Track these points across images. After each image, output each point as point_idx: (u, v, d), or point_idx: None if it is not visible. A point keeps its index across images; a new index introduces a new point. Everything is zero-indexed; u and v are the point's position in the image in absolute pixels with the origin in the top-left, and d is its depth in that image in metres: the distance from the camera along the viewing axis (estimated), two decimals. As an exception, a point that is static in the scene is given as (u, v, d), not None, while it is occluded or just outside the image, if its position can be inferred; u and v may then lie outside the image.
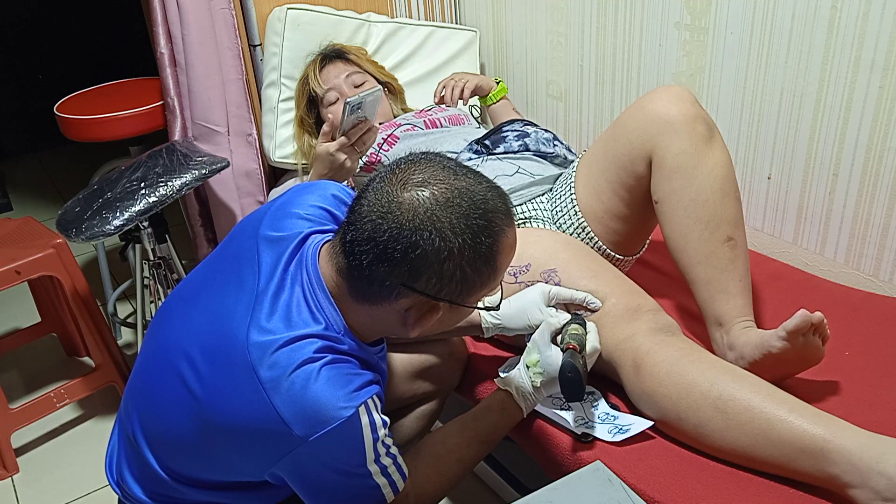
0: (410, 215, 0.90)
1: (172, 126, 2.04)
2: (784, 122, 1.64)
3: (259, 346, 0.93)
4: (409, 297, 0.95)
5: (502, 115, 1.99)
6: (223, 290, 1.02)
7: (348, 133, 1.48)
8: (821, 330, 1.18)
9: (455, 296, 0.96)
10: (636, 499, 0.92)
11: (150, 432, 1.07)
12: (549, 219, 1.50)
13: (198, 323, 1.02)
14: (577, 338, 1.12)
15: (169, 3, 1.92)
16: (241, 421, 0.94)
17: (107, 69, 2.93)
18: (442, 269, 0.92)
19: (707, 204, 1.27)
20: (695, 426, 1.11)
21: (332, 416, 0.91)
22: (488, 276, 0.96)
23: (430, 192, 0.92)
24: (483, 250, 0.93)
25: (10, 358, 2.29)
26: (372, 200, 0.93)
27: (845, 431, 1.01)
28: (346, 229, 0.96)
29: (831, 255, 1.65)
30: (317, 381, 0.92)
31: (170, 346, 1.04)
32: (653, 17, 1.83)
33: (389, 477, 0.98)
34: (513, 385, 1.16)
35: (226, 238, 1.14)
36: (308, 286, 0.99)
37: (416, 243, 0.90)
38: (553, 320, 1.16)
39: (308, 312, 0.97)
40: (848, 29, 1.47)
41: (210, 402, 0.96)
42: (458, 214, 0.91)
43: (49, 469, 1.88)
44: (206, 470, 1.04)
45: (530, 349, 1.15)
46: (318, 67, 1.92)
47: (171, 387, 1.01)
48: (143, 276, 2.01)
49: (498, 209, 0.95)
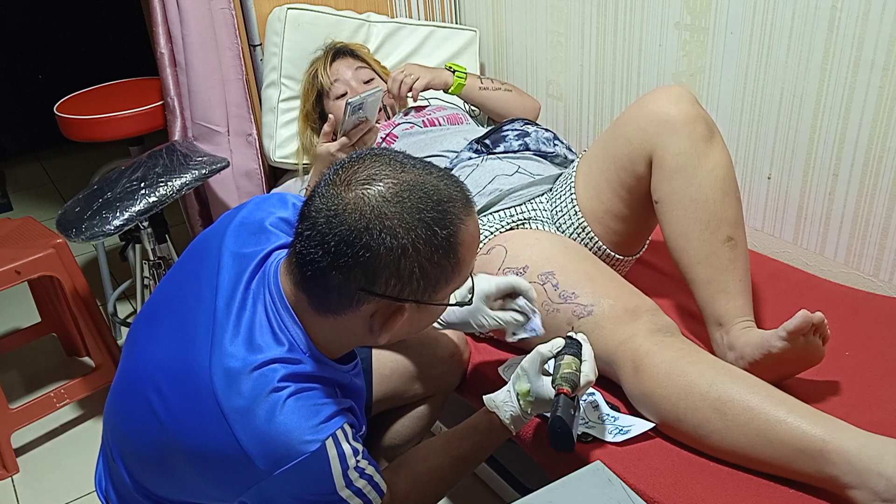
0: (357, 216, 0.85)
1: (172, 126, 2.04)
2: (784, 122, 1.64)
3: (222, 374, 0.90)
4: (371, 303, 0.90)
5: (474, 98, 1.93)
6: (184, 312, 0.99)
7: (349, 133, 1.48)
8: (821, 330, 1.18)
9: (419, 294, 0.90)
10: (636, 499, 0.92)
11: (124, 451, 1.05)
12: (548, 219, 1.50)
13: (162, 348, 0.99)
14: (570, 377, 1.06)
15: (169, 4, 1.92)
16: (206, 451, 0.91)
17: (107, 69, 2.93)
18: (399, 268, 0.87)
19: (707, 204, 1.27)
20: (694, 427, 1.11)
21: (297, 451, 0.88)
22: (451, 270, 0.91)
23: (376, 189, 0.86)
24: (440, 243, 0.88)
25: (10, 358, 2.29)
26: (318, 205, 0.88)
27: (844, 432, 1.01)
28: (296, 240, 0.91)
29: (831, 255, 1.65)
30: (282, 412, 0.88)
31: (138, 371, 1.02)
32: (653, 17, 1.83)
33: (365, 497, 0.95)
34: (501, 408, 1.12)
35: (185, 252, 1.09)
36: (271, 304, 0.95)
37: (367, 244, 0.85)
38: (544, 349, 1.11)
39: (270, 333, 0.93)
40: (848, 29, 1.47)
41: (176, 430, 0.94)
42: (407, 209, 0.86)
43: (49, 469, 1.88)
44: (177, 492, 1.02)
45: (520, 377, 1.12)
46: (327, 62, 1.93)
47: (140, 411, 0.98)
48: (143, 276, 2.01)
49: (453, 198, 0.90)
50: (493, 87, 1.94)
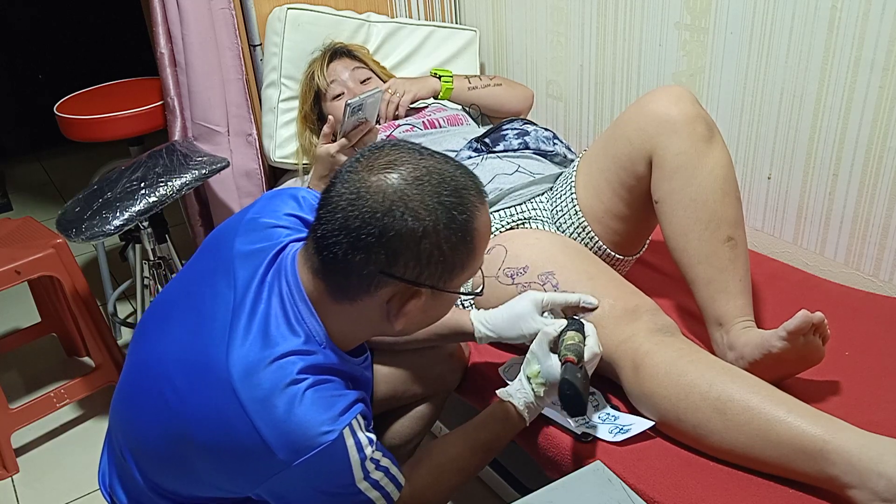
0: (380, 197, 0.89)
1: (172, 126, 2.04)
2: (784, 122, 1.64)
3: (239, 367, 0.91)
4: (388, 286, 0.93)
5: (465, 99, 1.95)
6: (199, 308, 1.00)
7: (349, 134, 1.48)
8: (821, 330, 1.18)
9: (436, 280, 0.94)
10: (636, 499, 0.92)
11: (135, 449, 1.06)
12: (548, 218, 1.50)
13: (176, 342, 1.00)
14: (574, 348, 1.10)
15: (169, 4, 1.92)
16: (225, 444, 0.92)
17: (107, 69, 2.93)
18: (419, 249, 0.90)
19: (707, 204, 1.27)
20: (694, 427, 1.11)
21: (317, 441, 0.90)
22: (467, 256, 0.95)
23: (399, 173, 0.90)
24: (458, 227, 0.91)
25: (10, 358, 2.29)
26: (340, 190, 0.91)
27: (845, 432, 1.01)
28: (316, 225, 0.94)
29: (831, 255, 1.65)
30: (301, 404, 0.90)
31: (151, 366, 1.02)
32: (653, 17, 1.83)
33: (382, 489, 0.97)
34: (515, 396, 1.14)
35: (198, 250, 1.11)
36: (287, 295, 0.97)
37: (390, 225, 0.88)
38: (549, 329, 1.13)
39: (286, 325, 0.95)
40: (848, 29, 1.47)
41: (192, 424, 0.95)
42: (428, 192, 0.90)
43: (49, 469, 1.88)
44: (190, 486, 1.02)
45: (530, 360, 1.14)
46: (324, 63, 1.93)
47: (154, 407, 0.99)
48: (143, 276, 2.01)
49: (468, 187, 0.94)
50: (483, 85, 1.96)
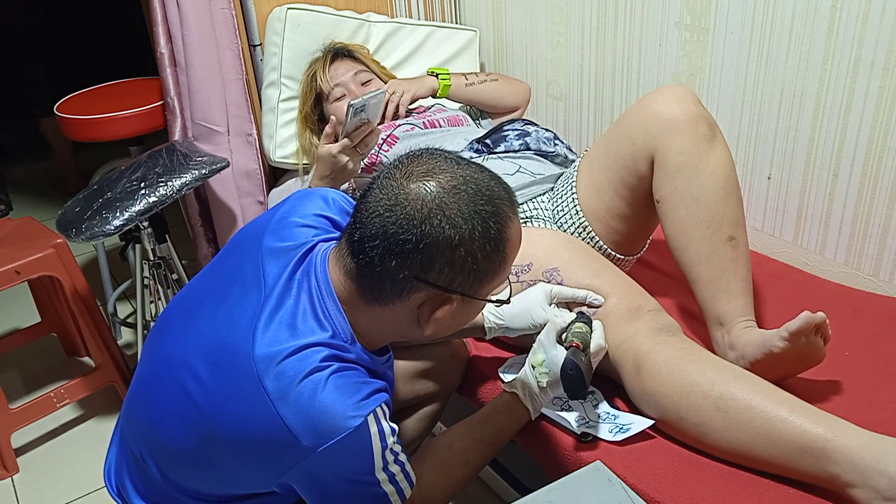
0: (419, 205, 0.90)
1: (172, 126, 2.04)
2: (784, 122, 1.64)
3: (265, 356, 0.92)
4: (421, 292, 0.94)
5: (463, 96, 1.95)
6: (226, 301, 1.01)
7: (351, 135, 1.48)
8: (823, 330, 1.18)
9: (467, 287, 0.95)
10: (636, 499, 0.92)
11: (154, 446, 1.06)
12: (549, 218, 1.50)
13: (201, 334, 1.01)
14: (581, 336, 1.12)
15: (169, 4, 1.92)
16: (248, 432, 0.93)
17: (107, 69, 2.92)
18: (454, 256, 0.91)
19: (709, 203, 1.27)
20: (695, 426, 1.11)
21: (341, 426, 0.90)
22: (498, 265, 0.96)
23: (437, 181, 0.92)
24: (493, 236, 0.93)
25: (10, 358, 2.29)
26: (378, 196, 0.93)
27: (846, 431, 1.01)
28: (352, 229, 0.95)
29: (831, 255, 1.65)
30: (324, 390, 0.91)
31: (172, 359, 1.03)
32: (653, 17, 1.83)
33: (397, 484, 0.97)
34: (519, 386, 1.15)
35: (225, 247, 1.13)
36: (316, 293, 0.98)
37: (427, 232, 0.90)
38: (558, 319, 1.16)
39: (314, 320, 0.96)
40: (848, 29, 1.47)
41: (216, 414, 0.95)
42: (465, 201, 0.91)
43: (49, 469, 1.88)
44: (212, 483, 1.03)
45: (536, 349, 1.15)
46: (326, 64, 1.93)
47: (175, 399, 1.00)
48: (143, 276, 2.01)
49: (502, 197, 0.95)
50: (479, 81, 1.96)
